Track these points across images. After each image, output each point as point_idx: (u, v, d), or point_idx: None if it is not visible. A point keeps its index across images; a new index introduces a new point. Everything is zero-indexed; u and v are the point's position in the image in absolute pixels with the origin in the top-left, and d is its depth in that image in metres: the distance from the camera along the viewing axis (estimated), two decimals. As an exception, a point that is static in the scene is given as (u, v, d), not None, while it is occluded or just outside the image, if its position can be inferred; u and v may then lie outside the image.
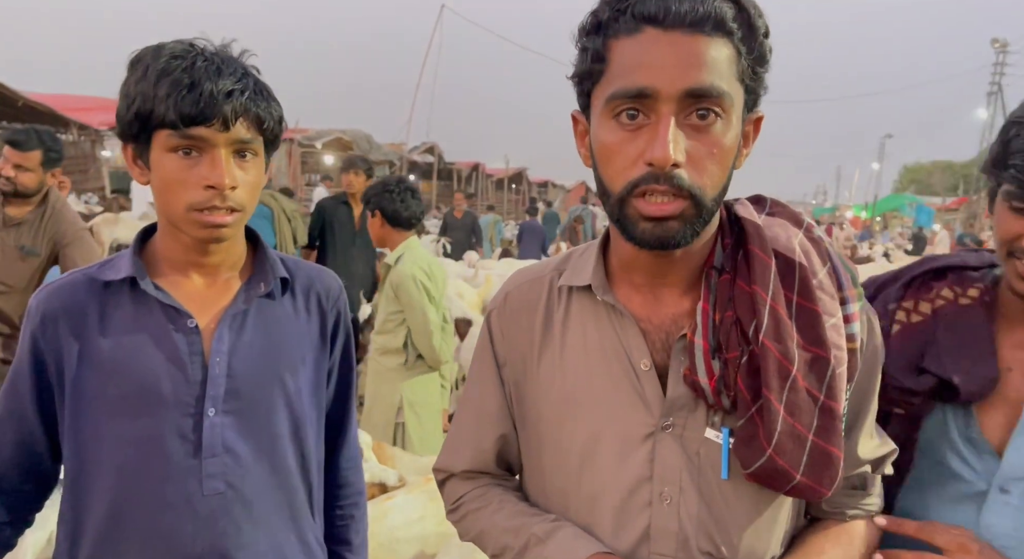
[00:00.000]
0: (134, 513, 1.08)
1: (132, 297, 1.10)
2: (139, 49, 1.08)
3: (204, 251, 1.12)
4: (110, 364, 1.08)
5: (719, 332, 0.85)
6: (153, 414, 1.08)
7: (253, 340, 1.14)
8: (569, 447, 0.93)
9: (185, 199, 1.05)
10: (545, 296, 0.99)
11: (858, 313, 0.88)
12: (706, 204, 0.81)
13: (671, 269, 0.90)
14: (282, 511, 1.16)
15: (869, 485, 0.98)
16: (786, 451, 0.82)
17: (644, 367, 0.89)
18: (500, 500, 1.00)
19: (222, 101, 1.03)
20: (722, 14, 0.78)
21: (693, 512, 0.87)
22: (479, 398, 1.04)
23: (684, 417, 0.88)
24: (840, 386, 0.84)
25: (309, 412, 1.21)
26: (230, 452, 1.11)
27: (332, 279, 1.28)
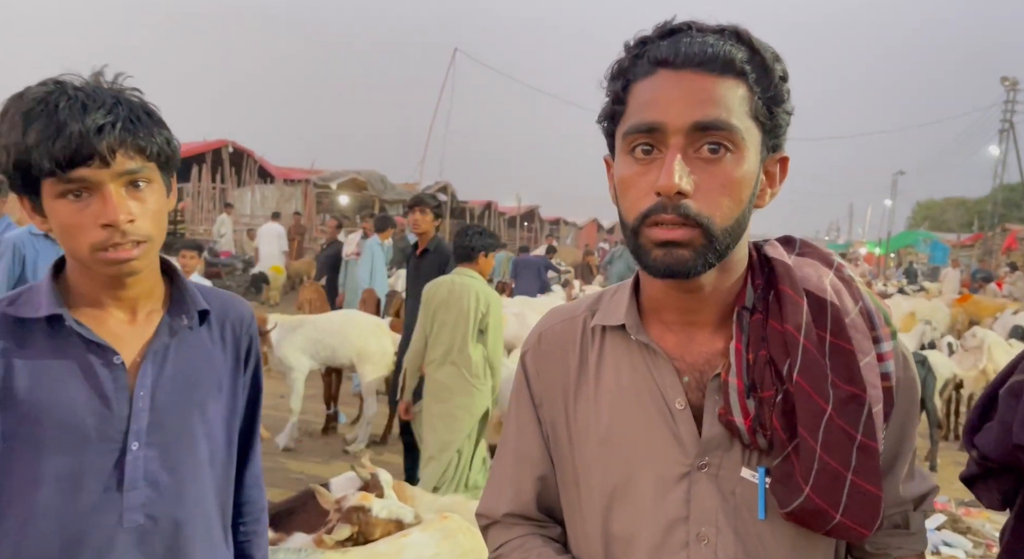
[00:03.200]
0: (50, 551, 1.06)
1: (49, 333, 1.08)
2: (6, 99, 1.04)
3: (121, 285, 1.11)
4: (27, 403, 1.06)
5: (753, 371, 0.86)
6: (74, 451, 1.07)
7: (175, 372, 1.15)
8: (604, 487, 0.93)
9: (86, 242, 1.03)
10: (579, 336, 1.00)
11: (892, 352, 0.88)
12: (716, 234, 0.82)
13: (701, 307, 0.91)
14: (200, 537, 1.17)
15: (912, 524, 0.97)
16: (824, 490, 0.82)
17: (679, 406, 0.89)
18: (539, 554, 0.99)
19: (94, 138, 0.99)
20: (731, 55, 0.82)
21: (731, 553, 0.87)
22: (516, 439, 1.04)
23: (720, 456, 0.88)
24: (877, 424, 0.84)
25: (224, 437, 1.22)
26: (152, 484, 1.11)
27: (245, 306, 1.30)
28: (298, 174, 20.58)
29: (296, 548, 2.02)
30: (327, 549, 2.05)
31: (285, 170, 20.83)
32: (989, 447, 0.99)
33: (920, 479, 0.97)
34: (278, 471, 4.85)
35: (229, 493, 1.24)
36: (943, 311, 10.74)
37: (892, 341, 0.88)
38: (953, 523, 3.43)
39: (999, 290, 15.37)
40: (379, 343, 5.43)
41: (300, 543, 2.15)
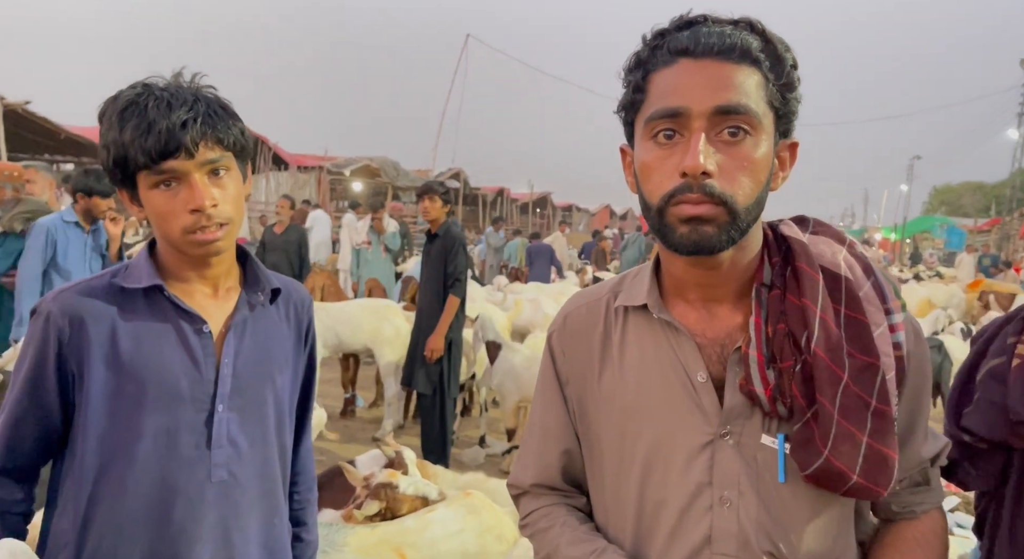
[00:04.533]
0: (146, 498, 1.17)
1: (148, 303, 1.20)
2: (103, 102, 1.17)
3: (206, 264, 1.23)
4: (130, 364, 1.18)
5: (772, 344, 0.91)
6: (170, 409, 1.18)
7: (253, 344, 1.27)
8: (632, 458, 0.99)
9: (178, 226, 1.16)
10: (603, 316, 1.05)
11: (902, 323, 0.93)
12: (739, 212, 0.87)
13: (721, 284, 0.96)
14: (266, 496, 1.29)
15: (932, 480, 1.03)
16: (842, 453, 0.87)
17: (701, 379, 0.94)
18: (563, 523, 1.05)
19: (179, 133, 1.12)
20: (748, 45, 0.87)
21: (753, 514, 0.92)
22: (543, 415, 1.11)
23: (741, 425, 0.93)
24: (890, 391, 0.89)
25: (288, 408, 1.34)
26: (233, 444, 1.23)
27: (304, 290, 1.43)
28: (312, 161, 20.65)
29: (326, 523, 2.10)
30: (356, 524, 2.14)
31: (299, 157, 20.91)
32: (984, 429, 1.02)
33: (933, 438, 1.03)
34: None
35: (287, 460, 1.35)
36: (959, 296, 10.69)
37: (903, 313, 0.94)
38: (967, 505, 3.46)
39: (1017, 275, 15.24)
40: (392, 325, 5.51)
41: (329, 518, 2.23)
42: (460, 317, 4.64)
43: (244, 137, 1.22)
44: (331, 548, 1.96)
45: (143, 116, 1.12)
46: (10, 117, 11.89)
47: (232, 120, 1.20)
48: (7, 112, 11.72)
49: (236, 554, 1.23)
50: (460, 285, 4.51)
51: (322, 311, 5.57)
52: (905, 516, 1.02)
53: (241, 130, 1.21)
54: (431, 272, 4.62)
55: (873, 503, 1.03)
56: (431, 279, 4.61)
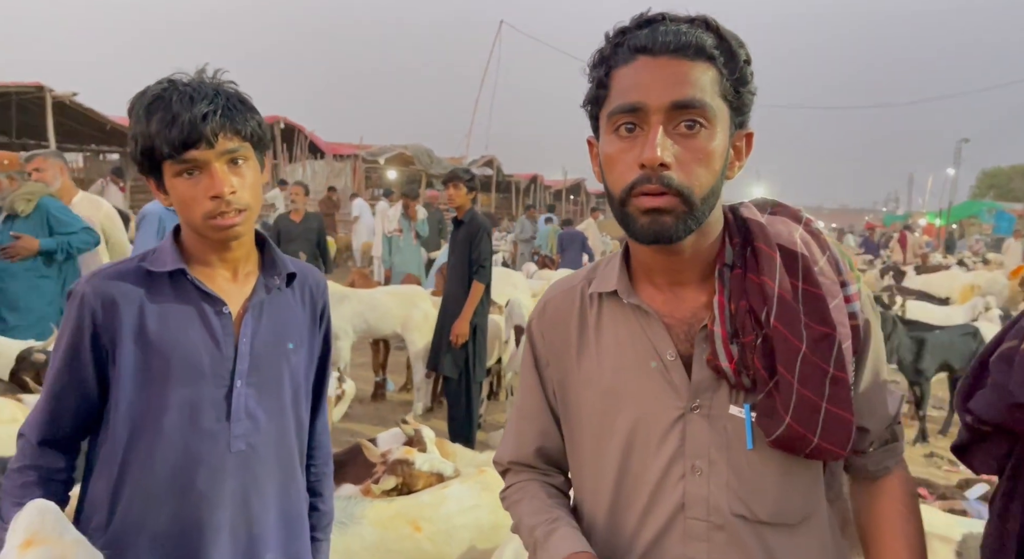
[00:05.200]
0: (172, 467, 1.27)
1: (173, 285, 1.29)
2: (132, 97, 1.26)
3: (226, 248, 1.31)
4: (156, 342, 1.27)
5: (735, 320, 0.97)
6: (192, 384, 1.28)
7: (269, 324, 1.36)
8: (611, 434, 1.05)
9: (199, 211, 1.24)
10: (579, 303, 1.11)
11: (857, 294, 0.98)
12: (695, 202, 0.92)
13: (685, 268, 1.01)
14: (283, 467, 1.38)
15: (899, 435, 1.09)
16: (803, 418, 0.93)
17: (670, 357, 1.00)
18: (531, 496, 1.13)
19: (200, 124, 1.20)
20: (702, 42, 0.91)
21: (723, 480, 0.98)
22: (521, 398, 1.18)
23: (709, 398, 0.99)
24: (847, 358, 0.95)
25: (304, 385, 1.43)
26: (251, 417, 1.32)
27: (320, 275, 1.51)
28: (347, 149, 20.92)
29: (345, 496, 2.21)
30: (374, 498, 2.24)
31: (335, 146, 21.21)
32: (984, 411, 1.04)
33: (892, 395, 1.08)
34: (334, 437, 5.11)
35: (304, 434, 1.45)
36: (1001, 283, 10.42)
37: (857, 284, 0.99)
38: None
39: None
40: (421, 310, 5.63)
41: (349, 492, 2.34)
42: (485, 303, 4.72)
43: (261, 129, 1.30)
44: (349, 520, 2.07)
45: (168, 109, 1.20)
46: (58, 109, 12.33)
47: (250, 113, 1.27)
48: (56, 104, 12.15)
49: (255, 520, 1.33)
50: (484, 271, 4.59)
51: (353, 298, 5.71)
52: (878, 474, 1.08)
53: (258, 122, 1.29)
54: (457, 259, 4.71)
55: (847, 464, 1.09)
56: (457, 265, 4.70)
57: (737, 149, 0.99)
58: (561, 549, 1.00)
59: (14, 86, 11.89)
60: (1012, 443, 1.05)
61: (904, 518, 1.07)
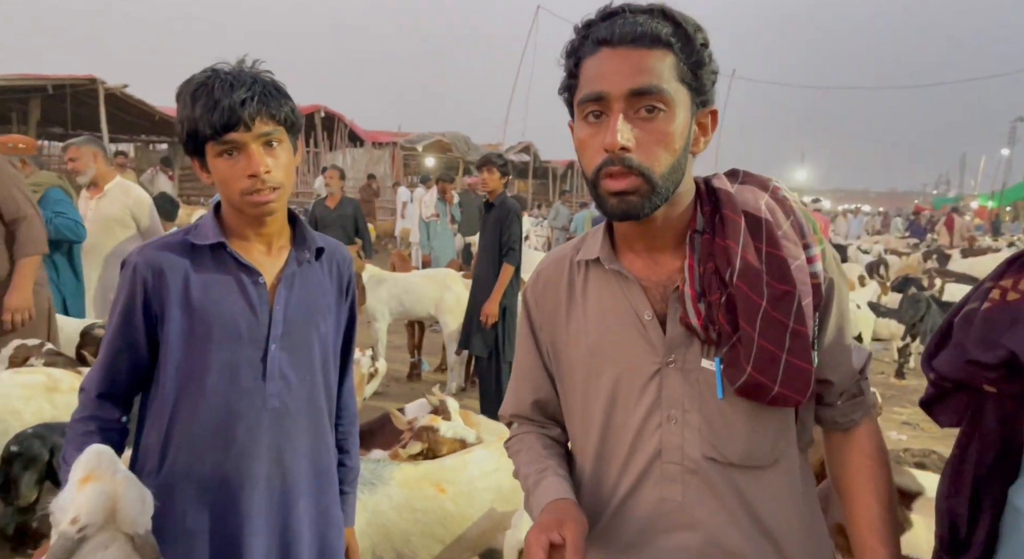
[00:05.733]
0: (214, 421, 1.41)
1: (213, 257, 1.42)
2: (180, 84, 1.39)
3: (261, 223, 1.43)
4: (199, 308, 1.39)
5: (703, 281, 1.05)
6: (232, 347, 1.41)
7: (300, 294, 1.48)
8: (597, 389, 1.15)
9: (237, 188, 1.36)
10: (567, 270, 1.21)
11: (819, 255, 1.07)
12: (656, 181, 1.00)
13: (658, 235, 1.11)
14: (314, 424, 1.51)
15: (865, 390, 1.17)
16: (763, 368, 1.01)
17: (647, 317, 1.09)
18: (528, 447, 1.23)
19: (239, 109, 1.32)
20: (658, 31, 0.99)
21: (695, 427, 1.07)
22: (519, 358, 1.30)
23: (683, 353, 1.07)
24: (807, 313, 1.03)
25: (332, 351, 1.56)
26: (284, 378, 1.45)
27: (346, 250, 1.64)
28: (386, 137, 21.19)
29: (375, 460, 2.37)
30: (401, 461, 2.40)
31: (373, 134, 21.49)
32: (946, 368, 1.09)
33: (858, 350, 1.17)
34: (368, 411, 5.31)
35: (332, 397, 1.59)
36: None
37: (819, 246, 1.07)
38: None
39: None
40: (454, 293, 5.80)
41: (378, 456, 2.51)
42: (515, 284, 4.84)
43: (295, 114, 1.43)
44: (378, 481, 2.23)
45: (210, 95, 1.32)
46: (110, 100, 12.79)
47: (284, 99, 1.40)
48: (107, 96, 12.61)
49: (288, 471, 1.47)
50: (514, 253, 4.71)
51: (390, 281, 5.90)
52: (847, 425, 1.17)
53: (291, 108, 1.42)
54: (487, 241, 4.85)
55: (818, 416, 1.18)
56: (487, 248, 4.84)
57: (702, 126, 1.08)
58: (547, 496, 1.11)
59: (69, 79, 12.39)
60: (970, 398, 1.11)
61: (873, 471, 1.14)
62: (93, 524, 1.10)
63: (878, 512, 1.13)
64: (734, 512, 1.08)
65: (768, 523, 1.09)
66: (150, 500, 1.17)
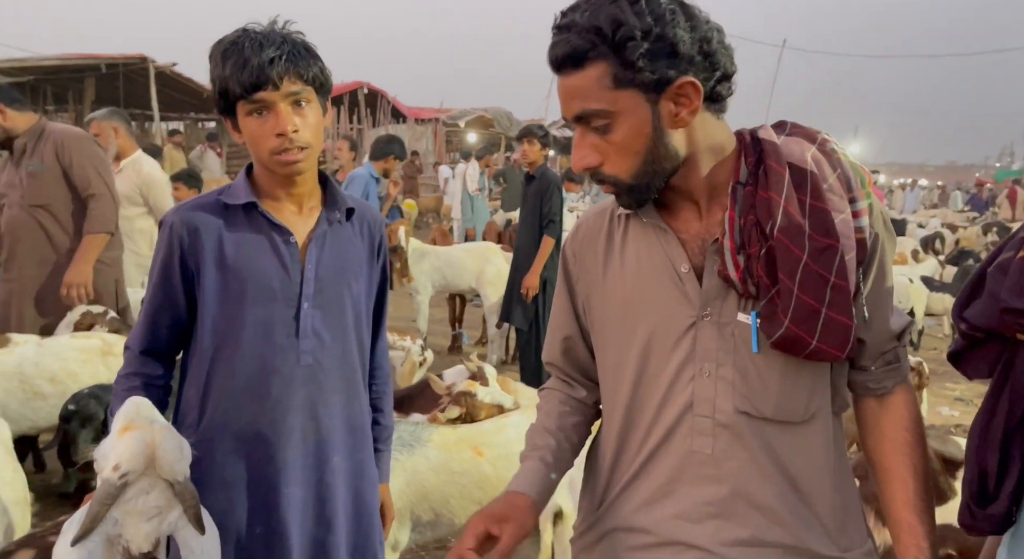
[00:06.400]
0: (250, 376, 1.45)
1: (246, 217, 1.44)
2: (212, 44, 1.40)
3: (292, 183, 1.45)
4: (233, 266, 1.42)
5: (743, 233, 1.04)
6: (265, 304, 1.44)
7: (331, 253, 1.49)
8: (631, 341, 1.15)
9: (266, 147, 1.38)
10: (607, 223, 1.21)
11: (865, 209, 1.04)
12: (628, 184, 1.06)
13: (695, 191, 1.10)
14: (347, 381, 1.54)
15: (901, 357, 1.14)
16: (801, 322, 1.00)
17: (684, 270, 1.09)
18: (545, 412, 1.28)
19: (267, 68, 1.32)
20: (582, 48, 0.99)
21: (729, 380, 1.06)
22: (554, 309, 1.31)
23: (719, 306, 1.06)
24: (849, 268, 1.01)
25: (364, 310, 1.58)
26: (316, 335, 1.48)
27: (377, 212, 1.65)
28: (428, 113, 21.22)
29: (414, 422, 2.41)
30: (440, 425, 2.44)
31: (416, 110, 21.54)
32: (978, 318, 1.08)
33: (898, 315, 1.13)
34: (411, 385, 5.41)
35: (366, 355, 1.61)
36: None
37: (866, 201, 1.04)
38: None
39: None
40: (494, 266, 5.83)
41: (417, 420, 2.55)
42: (555, 256, 4.84)
43: (323, 74, 1.43)
44: (417, 443, 2.27)
45: (240, 54, 1.34)
46: (159, 79, 13.08)
47: (313, 59, 1.41)
48: (157, 74, 12.89)
49: (322, 426, 1.51)
50: (554, 226, 4.70)
51: (431, 254, 5.96)
52: (879, 391, 1.14)
53: (321, 68, 1.42)
54: (528, 213, 4.84)
55: (850, 381, 1.15)
56: (528, 220, 4.83)
57: (678, 102, 1.02)
58: (515, 483, 1.15)
59: (121, 58, 12.70)
60: (1002, 348, 1.10)
61: (908, 443, 1.12)
62: (134, 471, 1.14)
63: (914, 486, 1.11)
64: (764, 466, 1.07)
65: (799, 479, 1.08)
66: (188, 449, 1.21)
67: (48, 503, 3.14)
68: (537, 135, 4.82)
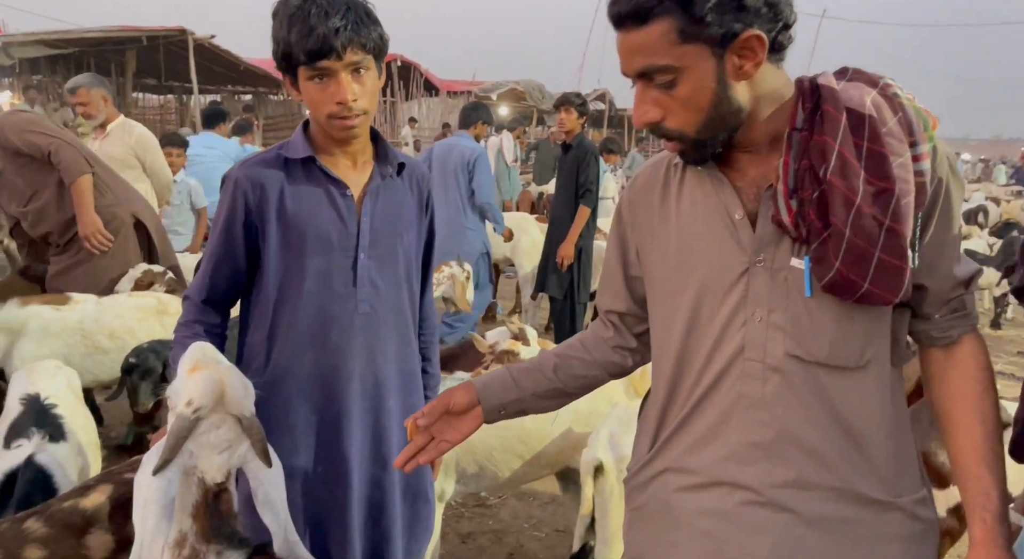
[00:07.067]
0: (311, 323, 1.53)
1: (304, 171, 1.51)
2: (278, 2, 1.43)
3: (347, 142, 1.51)
4: (294, 219, 1.49)
5: (797, 178, 1.05)
6: (324, 255, 1.51)
7: (384, 206, 1.56)
8: (683, 288, 1.16)
9: (325, 112, 1.43)
10: (663, 173, 1.24)
11: (927, 153, 1.02)
12: (693, 137, 1.07)
13: (752, 139, 1.11)
14: (400, 329, 1.62)
15: (968, 305, 1.13)
16: (853, 265, 1.00)
17: (738, 216, 1.10)
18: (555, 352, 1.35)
19: (332, 38, 1.36)
20: (638, 7, 1.00)
21: (780, 325, 1.07)
22: (606, 255, 1.35)
23: (772, 252, 1.08)
24: (906, 212, 1.01)
25: (414, 261, 1.65)
26: (372, 285, 1.55)
27: (424, 168, 1.71)
28: (461, 86, 21.15)
29: (458, 378, 2.48)
30: (483, 381, 2.50)
31: (448, 82, 21.47)
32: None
33: (966, 262, 1.13)
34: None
35: (416, 305, 1.69)
36: None
37: (929, 144, 1.03)
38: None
39: None
40: (529, 236, 5.86)
41: (461, 377, 2.62)
42: (591, 226, 4.85)
43: (382, 41, 1.48)
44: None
45: (306, 21, 1.37)
46: (197, 51, 13.22)
47: (374, 26, 1.45)
48: (196, 47, 13.04)
49: (378, 370, 1.59)
50: (591, 195, 4.70)
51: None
52: (944, 341, 1.14)
53: (380, 35, 1.47)
54: (564, 182, 4.84)
55: (914, 330, 1.15)
56: (564, 189, 4.84)
57: (742, 55, 1.03)
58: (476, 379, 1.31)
59: (161, 30, 12.87)
60: None
61: (977, 393, 1.11)
62: (205, 406, 1.21)
63: (982, 437, 1.10)
64: (814, 411, 1.09)
65: (852, 423, 1.09)
66: (251, 388, 1.28)
67: (107, 455, 3.30)
68: (575, 103, 4.80)
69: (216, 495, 1.25)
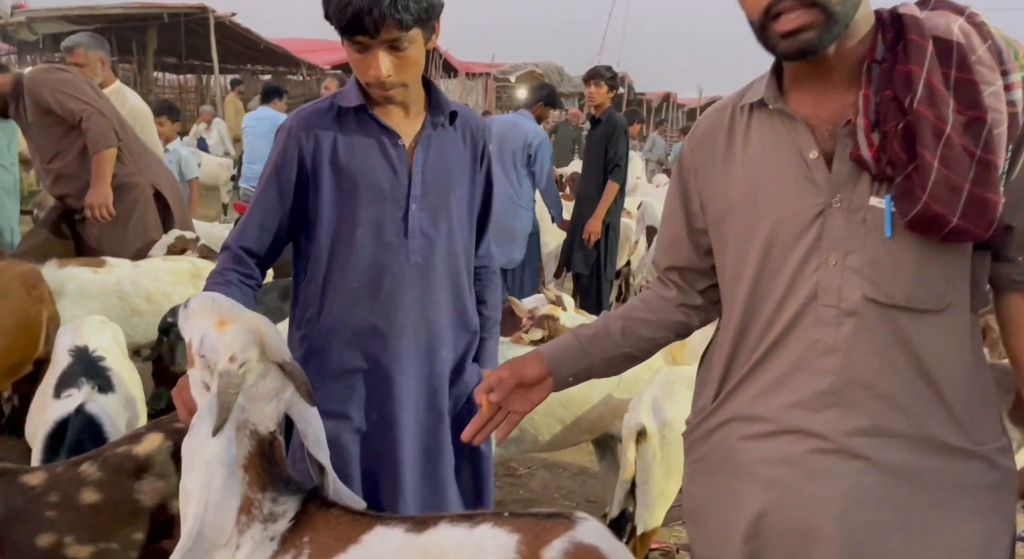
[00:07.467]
0: (364, 273, 1.52)
1: (357, 120, 1.50)
2: None
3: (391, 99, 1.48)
4: (346, 167, 1.48)
5: (878, 110, 0.99)
6: (376, 204, 1.51)
7: (436, 156, 1.55)
8: (753, 234, 1.11)
9: (363, 78, 1.45)
10: (728, 117, 1.20)
11: (1019, 82, 0.98)
12: (834, 7, 0.98)
13: (831, 70, 1.05)
14: (453, 280, 1.61)
15: None
16: (941, 198, 0.95)
17: (812, 156, 1.05)
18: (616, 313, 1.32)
19: (364, 17, 1.33)
20: None
21: (856, 268, 1.03)
22: (665, 209, 1.32)
23: (850, 191, 1.03)
24: (999, 143, 0.96)
25: (467, 214, 1.63)
26: (424, 235, 1.54)
27: (480, 119, 1.69)
28: (479, 68, 21.01)
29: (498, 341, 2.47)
30: (523, 345, 2.50)
31: (467, 64, 21.33)
32: None
33: None
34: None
35: (471, 256, 1.68)
36: None
37: (1020, 73, 0.99)
38: None
39: None
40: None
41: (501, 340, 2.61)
42: (619, 201, 4.81)
43: (426, 12, 1.39)
44: (502, 361, 2.33)
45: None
46: (218, 29, 13.22)
47: (414, 2, 1.36)
48: (216, 25, 13.04)
49: (430, 321, 1.58)
50: (620, 171, 4.65)
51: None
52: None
53: (426, 7, 1.38)
54: (592, 157, 4.80)
55: (994, 275, 1.10)
56: (592, 165, 4.80)
57: None
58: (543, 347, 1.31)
59: (182, 7, 12.87)
60: None
61: None
62: (251, 358, 1.20)
63: None
64: (890, 355, 1.05)
65: (930, 367, 1.05)
66: (281, 332, 1.27)
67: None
68: (605, 76, 4.73)
69: (270, 443, 1.25)
